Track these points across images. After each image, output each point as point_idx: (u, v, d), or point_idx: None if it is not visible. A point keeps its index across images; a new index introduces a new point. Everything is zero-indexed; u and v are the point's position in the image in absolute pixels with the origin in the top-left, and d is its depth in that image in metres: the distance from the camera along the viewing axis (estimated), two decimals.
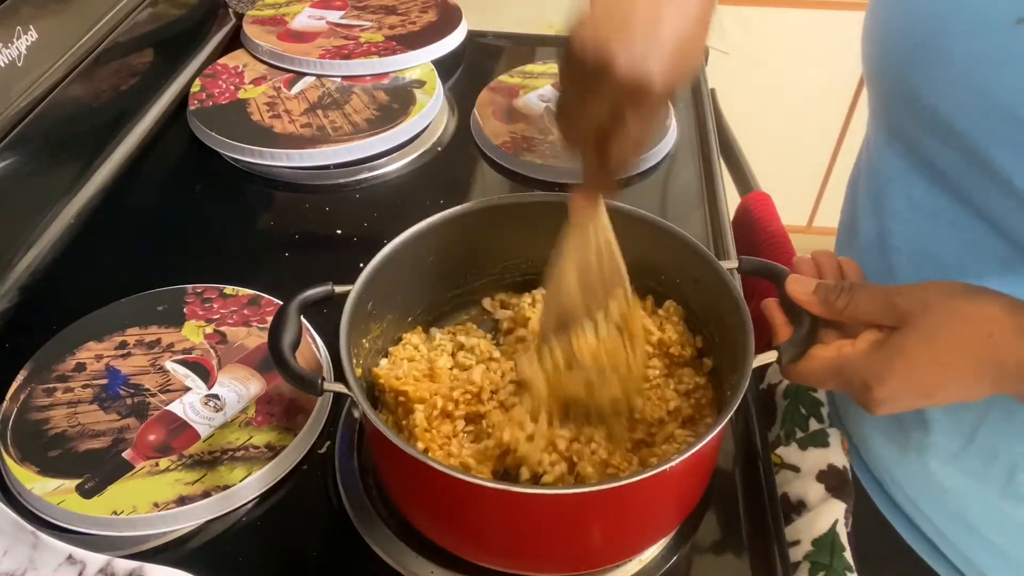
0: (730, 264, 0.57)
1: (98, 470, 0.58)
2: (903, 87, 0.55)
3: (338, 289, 0.55)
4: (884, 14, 0.57)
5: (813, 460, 0.62)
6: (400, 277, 0.60)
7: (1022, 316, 0.45)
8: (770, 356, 0.50)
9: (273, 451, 0.59)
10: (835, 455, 0.62)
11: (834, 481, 0.60)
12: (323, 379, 0.50)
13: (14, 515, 0.54)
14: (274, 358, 0.52)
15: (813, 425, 0.64)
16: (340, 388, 0.49)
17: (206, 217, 0.85)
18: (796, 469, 0.62)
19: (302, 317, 0.54)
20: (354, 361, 0.53)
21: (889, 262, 0.58)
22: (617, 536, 0.52)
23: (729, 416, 0.47)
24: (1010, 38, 0.46)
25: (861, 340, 0.49)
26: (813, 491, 0.60)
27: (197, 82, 0.98)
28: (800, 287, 0.52)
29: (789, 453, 0.63)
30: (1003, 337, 0.45)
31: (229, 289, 0.73)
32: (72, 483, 0.57)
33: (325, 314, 0.69)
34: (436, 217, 0.60)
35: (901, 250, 0.58)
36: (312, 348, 0.67)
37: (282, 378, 0.52)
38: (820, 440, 0.63)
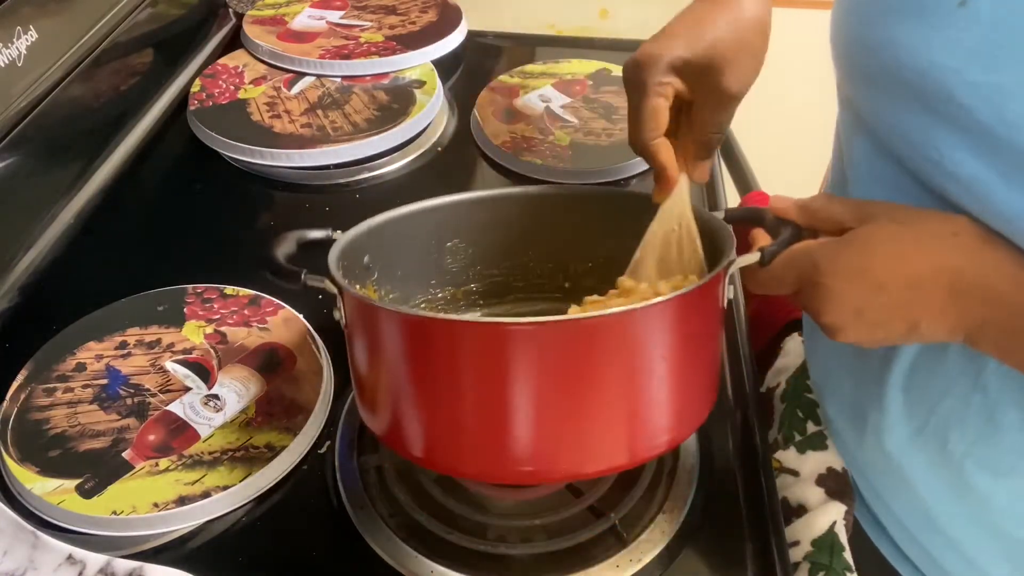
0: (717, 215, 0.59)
1: (98, 470, 0.58)
2: (859, 67, 0.54)
3: (338, 235, 0.56)
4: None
5: (812, 464, 0.62)
6: (402, 248, 0.59)
7: (987, 230, 0.45)
8: (752, 258, 0.50)
9: (273, 451, 0.60)
10: (834, 458, 0.62)
11: (833, 484, 0.60)
12: (305, 271, 0.50)
13: (14, 515, 0.54)
14: (264, 261, 0.52)
15: (811, 428, 0.64)
16: (321, 283, 0.49)
17: (206, 217, 0.85)
18: (795, 473, 0.62)
19: (302, 317, 0.54)
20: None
21: None
22: (625, 399, 0.48)
23: (731, 261, 0.50)
24: (950, 20, 0.45)
25: (824, 235, 0.50)
26: (813, 495, 0.60)
27: (197, 82, 0.98)
28: (782, 201, 0.54)
29: (788, 457, 0.63)
30: (967, 239, 0.45)
31: (229, 289, 0.73)
32: (72, 483, 0.57)
33: (325, 314, 0.69)
34: (457, 196, 0.60)
35: None
36: (312, 348, 0.67)
37: (267, 275, 0.52)
38: (818, 443, 0.63)
